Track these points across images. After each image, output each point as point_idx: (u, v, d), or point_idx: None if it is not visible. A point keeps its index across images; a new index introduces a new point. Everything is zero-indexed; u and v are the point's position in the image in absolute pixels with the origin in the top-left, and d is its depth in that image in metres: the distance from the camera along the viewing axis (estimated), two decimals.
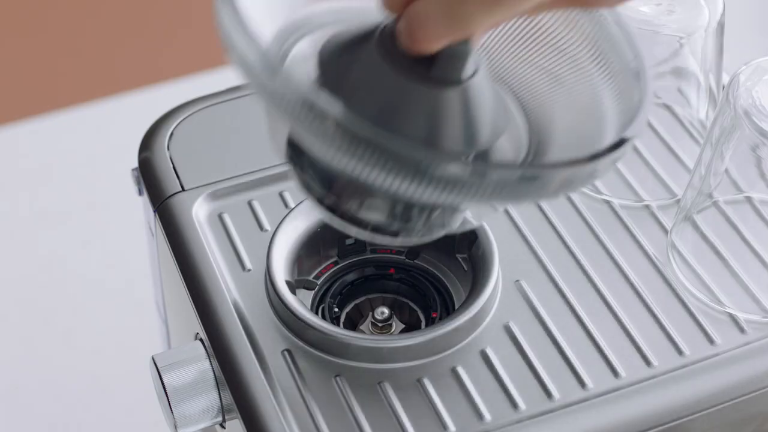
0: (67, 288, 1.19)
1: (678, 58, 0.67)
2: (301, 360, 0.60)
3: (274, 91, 0.46)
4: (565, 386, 0.59)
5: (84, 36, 1.44)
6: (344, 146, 0.45)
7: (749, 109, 0.59)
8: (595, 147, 0.51)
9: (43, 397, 1.10)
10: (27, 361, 1.13)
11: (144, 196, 0.70)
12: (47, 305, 1.17)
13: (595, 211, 0.67)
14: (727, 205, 0.65)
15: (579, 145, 0.53)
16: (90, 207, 1.26)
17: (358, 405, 0.58)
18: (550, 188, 0.48)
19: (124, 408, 1.10)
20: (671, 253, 0.64)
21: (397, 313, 0.63)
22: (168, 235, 0.66)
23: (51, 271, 1.20)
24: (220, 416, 0.61)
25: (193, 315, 0.62)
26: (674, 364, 0.60)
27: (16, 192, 1.28)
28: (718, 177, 0.63)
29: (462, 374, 0.59)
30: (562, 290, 0.63)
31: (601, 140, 0.52)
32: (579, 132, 0.54)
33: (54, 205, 1.26)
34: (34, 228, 1.24)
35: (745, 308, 0.62)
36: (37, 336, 1.15)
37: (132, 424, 1.09)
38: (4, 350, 1.14)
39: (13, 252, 1.22)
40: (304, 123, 0.46)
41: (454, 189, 0.46)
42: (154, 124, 0.72)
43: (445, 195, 0.47)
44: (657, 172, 0.68)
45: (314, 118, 0.45)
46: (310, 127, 0.46)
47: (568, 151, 0.53)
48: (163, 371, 0.60)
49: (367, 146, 0.45)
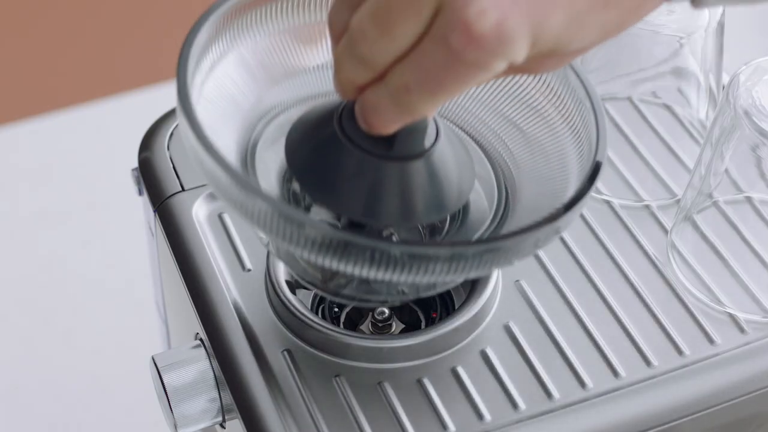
0: (67, 288, 1.19)
1: (678, 58, 0.67)
2: (301, 360, 0.60)
3: (247, 209, 0.51)
4: (565, 386, 0.59)
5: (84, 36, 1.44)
6: (308, 249, 0.50)
7: (749, 109, 0.59)
8: (561, 190, 0.55)
9: (43, 397, 1.11)
10: (27, 361, 1.13)
11: (144, 196, 0.70)
12: (47, 305, 1.18)
13: (595, 211, 0.67)
14: (727, 205, 0.65)
15: (546, 190, 0.57)
16: (90, 207, 1.26)
17: (358, 405, 0.58)
18: (522, 252, 0.52)
19: (124, 408, 1.10)
20: (671, 253, 0.64)
21: (397, 313, 0.63)
22: (168, 235, 0.66)
23: (51, 271, 1.20)
24: (220, 416, 0.61)
25: (193, 315, 0.62)
26: (674, 364, 0.60)
27: (16, 192, 1.28)
28: (718, 177, 0.63)
29: (462, 374, 0.59)
30: (562, 290, 0.63)
31: (566, 184, 0.56)
32: (545, 176, 0.58)
33: (54, 205, 1.26)
34: (34, 228, 1.24)
35: (745, 308, 0.62)
36: (37, 336, 1.15)
37: (132, 424, 1.09)
38: (4, 350, 1.14)
39: (13, 252, 1.22)
40: (277, 234, 0.50)
41: (427, 272, 0.50)
42: (154, 124, 0.72)
43: (416, 278, 0.51)
44: (657, 172, 0.68)
45: (284, 228, 0.50)
46: (282, 236, 0.50)
47: (537, 198, 0.57)
48: (163, 371, 0.60)
49: (338, 247, 0.50)
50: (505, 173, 0.60)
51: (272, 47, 0.59)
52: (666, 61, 0.67)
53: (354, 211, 0.54)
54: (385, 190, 0.54)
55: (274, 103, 0.60)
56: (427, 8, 0.46)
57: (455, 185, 0.55)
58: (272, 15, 0.59)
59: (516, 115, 0.60)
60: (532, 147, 0.60)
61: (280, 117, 0.59)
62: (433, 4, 0.46)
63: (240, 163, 0.56)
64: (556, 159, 0.58)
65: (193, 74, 0.54)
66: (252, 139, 0.58)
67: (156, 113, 0.74)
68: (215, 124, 0.56)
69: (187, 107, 0.52)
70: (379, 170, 0.53)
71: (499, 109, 0.61)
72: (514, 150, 0.60)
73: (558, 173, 0.57)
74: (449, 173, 0.55)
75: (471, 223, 0.58)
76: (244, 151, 0.57)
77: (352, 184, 0.53)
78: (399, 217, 0.54)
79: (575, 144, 0.57)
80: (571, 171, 0.57)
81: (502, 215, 0.58)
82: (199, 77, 0.55)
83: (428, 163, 0.54)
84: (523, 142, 0.60)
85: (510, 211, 0.58)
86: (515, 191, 0.59)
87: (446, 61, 0.46)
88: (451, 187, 0.55)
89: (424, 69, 0.47)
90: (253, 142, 0.58)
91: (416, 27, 0.46)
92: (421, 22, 0.46)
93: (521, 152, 0.60)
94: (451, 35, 0.45)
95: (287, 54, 0.60)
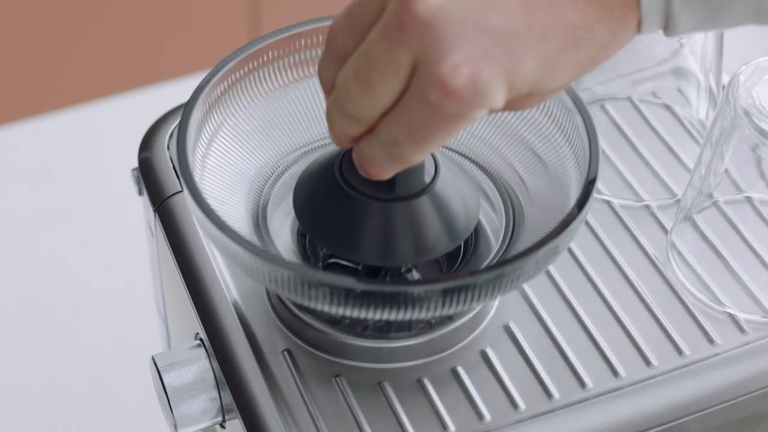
0: (67, 288, 1.19)
1: (678, 58, 0.67)
2: (301, 360, 0.60)
3: (272, 278, 0.53)
4: (565, 386, 0.59)
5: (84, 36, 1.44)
6: (323, 299, 0.53)
7: (749, 109, 0.59)
8: (563, 202, 0.57)
9: (43, 397, 1.10)
10: (27, 361, 1.13)
11: (144, 196, 0.70)
12: (47, 305, 1.17)
13: (595, 211, 0.67)
14: (727, 205, 0.65)
15: (550, 204, 0.59)
16: (90, 207, 1.26)
17: (358, 405, 0.58)
18: (528, 274, 0.54)
19: (124, 408, 1.10)
20: (671, 253, 0.64)
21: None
22: (168, 235, 0.66)
23: (51, 271, 1.20)
24: (220, 416, 0.61)
25: (193, 315, 0.62)
26: (674, 364, 0.60)
27: (16, 192, 1.28)
28: (718, 177, 0.63)
29: (462, 374, 0.59)
30: (562, 290, 0.63)
31: (568, 197, 0.57)
32: (548, 194, 0.60)
33: (54, 205, 1.26)
34: (34, 228, 1.24)
35: (745, 308, 0.62)
36: (37, 336, 1.15)
37: (132, 424, 1.09)
38: (4, 350, 1.14)
39: (13, 252, 1.22)
40: (303, 297, 0.53)
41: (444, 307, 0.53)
42: (154, 124, 0.72)
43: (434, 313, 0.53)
44: (657, 172, 0.68)
45: (300, 288, 0.53)
46: (309, 298, 0.53)
47: (542, 215, 0.59)
48: (163, 371, 0.60)
49: (358, 299, 0.52)
50: (509, 192, 0.61)
51: (265, 110, 0.62)
52: (666, 61, 0.67)
53: (371, 257, 0.56)
54: (397, 231, 0.55)
55: (276, 162, 0.62)
56: (404, 66, 0.48)
57: (463, 212, 0.57)
58: (260, 80, 0.62)
59: (516, 136, 0.62)
60: (534, 164, 0.61)
61: (285, 175, 0.62)
62: (410, 62, 0.47)
63: (253, 227, 0.59)
64: (557, 174, 0.59)
65: (194, 152, 0.57)
66: (261, 201, 0.61)
67: (156, 113, 0.74)
68: (222, 195, 0.58)
69: (192, 188, 0.55)
70: (387, 213, 0.55)
71: (501, 129, 0.62)
72: (516, 167, 0.62)
73: (558, 190, 0.59)
74: (455, 202, 0.57)
75: (484, 246, 0.60)
76: (255, 215, 0.60)
77: (364, 231, 0.55)
78: (415, 255, 0.56)
79: (574, 160, 0.58)
80: (571, 185, 0.58)
81: (512, 234, 0.60)
82: (199, 152, 0.58)
83: (433, 196, 0.56)
84: (525, 158, 0.61)
85: (518, 230, 0.60)
86: (521, 208, 0.61)
87: (428, 115, 0.48)
88: (459, 214, 0.57)
89: (409, 123, 0.49)
90: (262, 203, 0.61)
91: (397, 84, 0.48)
92: (400, 79, 0.48)
93: (523, 168, 0.61)
94: (429, 91, 0.47)
95: (281, 113, 0.63)
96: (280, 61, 0.62)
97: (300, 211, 0.58)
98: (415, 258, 0.56)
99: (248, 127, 0.62)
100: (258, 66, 0.61)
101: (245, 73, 0.61)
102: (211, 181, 0.58)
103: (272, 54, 0.61)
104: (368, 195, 0.55)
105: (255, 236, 0.59)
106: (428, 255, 0.57)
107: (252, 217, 0.60)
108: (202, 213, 0.54)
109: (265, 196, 0.61)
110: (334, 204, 0.56)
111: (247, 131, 0.62)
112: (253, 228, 0.59)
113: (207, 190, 0.57)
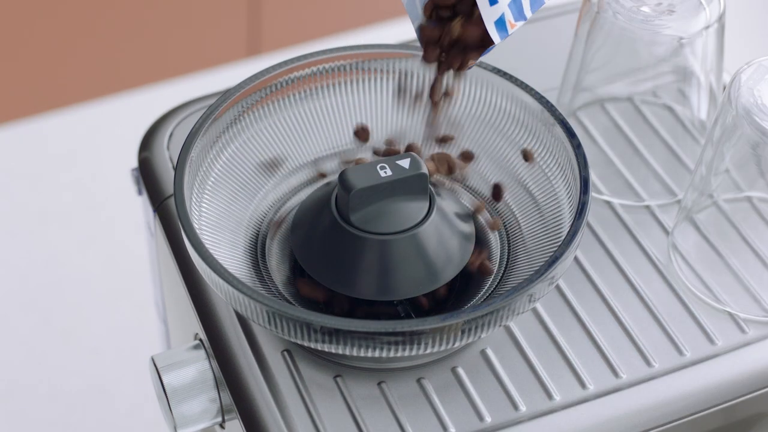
0: (67, 288, 1.19)
1: (678, 58, 0.67)
2: (301, 360, 0.59)
3: (263, 317, 0.54)
4: (565, 386, 0.59)
5: (84, 36, 1.44)
6: (324, 340, 0.54)
7: (750, 108, 0.59)
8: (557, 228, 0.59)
9: (43, 397, 1.11)
10: (27, 361, 1.13)
11: (144, 196, 0.70)
12: (47, 305, 1.18)
13: (595, 211, 0.67)
14: (727, 205, 0.65)
15: (544, 227, 0.60)
16: (90, 207, 1.26)
17: (358, 405, 0.58)
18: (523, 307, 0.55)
19: (123, 408, 1.10)
20: (672, 254, 0.64)
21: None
22: (168, 235, 0.66)
23: (51, 271, 1.20)
24: (220, 416, 0.61)
25: (193, 315, 0.62)
26: (674, 364, 0.60)
27: (16, 192, 1.28)
28: (719, 177, 0.63)
29: (462, 374, 0.59)
30: (563, 290, 0.63)
31: (562, 221, 0.59)
32: (542, 219, 0.61)
33: (54, 205, 1.26)
34: (34, 228, 1.24)
35: (745, 308, 0.62)
36: (36, 336, 1.15)
37: (132, 425, 1.09)
38: (4, 350, 1.14)
39: (13, 252, 1.22)
40: (317, 342, 0.55)
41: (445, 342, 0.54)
42: (154, 124, 0.72)
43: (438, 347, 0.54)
44: (657, 172, 0.68)
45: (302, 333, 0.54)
46: (300, 336, 0.55)
47: (537, 236, 0.60)
48: (163, 371, 0.60)
49: (354, 337, 0.54)
50: (506, 225, 0.63)
51: (253, 154, 0.63)
52: (666, 61, 0.67)
53: (369, 292, 0.58)
54: (395, 265, 0.58)
55: (270, 204, 0.64)
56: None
57: (449, 253, 0.59)
58: (244, 127, 0.63)
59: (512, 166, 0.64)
60: (527, 204, 0.62)
61: (280, 211, 0.64)
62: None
63: (252, 268, 0.60)
64: (550, 207, 0.61)
65: (191, 205, 0.58)
66: (259, 241, 0.62)
67: (156, 113, 0.74)
68: (219, 245, 0.59)
69: (194, 239, 0.56)
70: (382, 247, 0.57)
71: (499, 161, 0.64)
72: (511, 203, 0.63)
73: (552, 218, 0.61)
74: (454, 229, 0.59)
75: (477, 279, 0.61)
76: (254, 257, 0.61)
77: (359, 267, 0.57)
78: (415, 288, 0.58)
79: (566, 191, 0.60)
80: (564, 213, 0.60)
81: (506, 266, 0.61)
82: (195, 203, 0.60)
83: (434, 226, 0.58)
84: (521, 194, 0.63)
85: (511, 261, 0.61)
86: (516, 240, 0.62)
87: None
88: (456, 239, 0.59)
89: None
90: (260, 242, 0.62)
91: None
92: None
93: (516, 203, 0.63)
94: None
95: (270, 154, 0.64)
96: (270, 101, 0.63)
97: (300, 253, 0.59)
98: (417, 291, 0.58)
99: (239, 174, 0.63)
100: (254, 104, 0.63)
101: (227, 120, 0.62)
102: (208, 231, 0.59)
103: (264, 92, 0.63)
104: (365, 231, 0.57)
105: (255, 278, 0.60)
106: (430, 286, 0.58)
107: (251, 259, 0.61)
108: (210, 269, 0.55)
109: (262, 235, 0.62)
110: (332, 244, 0.58)
111: (238, 177, 0.63)
112: (252, 269, 0.60)
113: (206, 241, 0.58)
